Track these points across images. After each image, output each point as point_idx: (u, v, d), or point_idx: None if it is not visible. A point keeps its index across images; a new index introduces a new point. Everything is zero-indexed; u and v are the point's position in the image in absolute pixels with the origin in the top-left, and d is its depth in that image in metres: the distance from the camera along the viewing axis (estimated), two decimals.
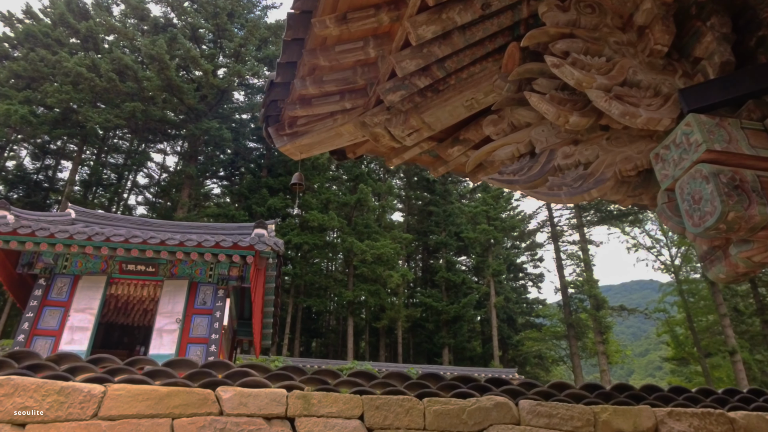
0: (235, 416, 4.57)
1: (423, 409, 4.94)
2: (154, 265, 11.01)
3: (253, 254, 10.37)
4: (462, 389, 5.23)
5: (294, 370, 5.08)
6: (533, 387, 5.48)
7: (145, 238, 10.03)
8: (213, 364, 4.92)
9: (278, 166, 34.47)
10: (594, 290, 29.20)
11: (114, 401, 4.44)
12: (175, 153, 41.53)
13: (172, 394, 4.57)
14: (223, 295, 11.05)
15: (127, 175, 36.58)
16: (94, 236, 9.84)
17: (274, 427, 4.61)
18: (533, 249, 44.22)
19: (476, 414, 4.97)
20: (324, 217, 28.60)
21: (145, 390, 4.55)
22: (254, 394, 4.70)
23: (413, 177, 44.97)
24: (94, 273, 10.91)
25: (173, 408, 4.49)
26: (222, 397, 4.63)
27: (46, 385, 4.38)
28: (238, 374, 4.93)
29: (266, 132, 5.25)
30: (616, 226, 38.98)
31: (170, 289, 10.95)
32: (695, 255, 39.35)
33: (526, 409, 5.11)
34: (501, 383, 5.43)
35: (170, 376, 4.82)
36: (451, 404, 4.99)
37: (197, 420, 4.48)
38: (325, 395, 4.83)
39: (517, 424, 5.06)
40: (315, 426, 4.64)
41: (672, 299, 40.31)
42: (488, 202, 34.54)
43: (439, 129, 4.55)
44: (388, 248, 27.74)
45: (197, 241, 10.20)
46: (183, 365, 4.93)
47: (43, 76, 25.73)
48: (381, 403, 4.87)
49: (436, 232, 40.32)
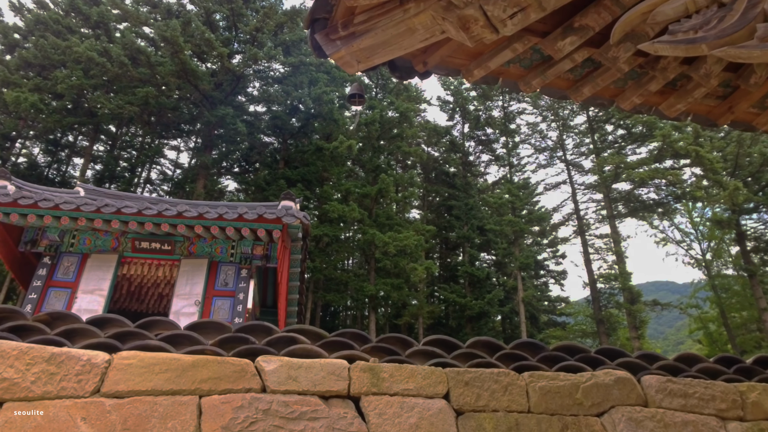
0: (282, 394, 3.43)
1: (525, 386, 3.77)
2: (170, 243, 9.94)
3: (280, 228, 9.26)
4: (568, 362, 4.06)
5: (354, 336, 3.93)
6: (655, 360, 4.30)
7: (160, 210, 8.96)
8: (250, 328, 3.78)
9: (295, 158, 33.42)
10: (628, 283, 27.78)
11: (122, 373, 3.31)
12: (189, 149, 40.72)
13: (198, 364, 3.44)
14: (246, 276, 9.94)
15: (140, 171, 35.77)
16: (104, 208, 8.79)
17: (333, 409, 3.46)
18: (555, 245, 42.76)
19: (593, 392, 3.80)
20: (344, 208, 27.45)
21: (163, 359, 3.43)
22: (307, 366, 3.55)
23: (431, 172, 43.73)
24: (105, 251, 9.86)
25: (200, 382, 3.36)
26: (265, 368, 3.49)
27: (32, 352, 3.26)
28: (283, 341, 3.79)
29: (312, 41, 4.08)
30: (644, 219, 37.47)
31: (188, 269, 9.88)
32: (726, 249, 37.89)
33: (654, 386, 3.92)
34: (615, 354, 4.25)
35: (196, 343, 3.70)
36: (560, 380, 3.81)
37: (232, 398, 3.35)
38: (399, 368, 3.67)
39: (644, 405, 3.87)
40: (388, 407, 3.49)
41: (703, 294, 38.80)
42: (513, 193, 33.20)
43: (552, 7, 3.38)
44: (412, 240, 26.53)
45: (218, 214, 9.12)
46: (212, 329, 3.80)
47: (53, 64, 24.91)
48: (471, 378, 3.71)
49: (457, 227, 39.02)
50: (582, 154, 39.73)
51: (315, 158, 31.59)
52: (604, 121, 37.02)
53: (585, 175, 39.19)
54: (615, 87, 4.28)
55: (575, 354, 4.14)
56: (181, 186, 32.82)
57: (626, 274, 28.67)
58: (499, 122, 41.68)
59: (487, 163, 45.14)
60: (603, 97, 4.40)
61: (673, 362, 4.24)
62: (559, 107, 40.92)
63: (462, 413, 3.57)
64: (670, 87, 4.24)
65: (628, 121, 33.44)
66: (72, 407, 3.09)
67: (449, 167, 43.18)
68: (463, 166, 42.61)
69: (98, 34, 26.86)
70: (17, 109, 23.03)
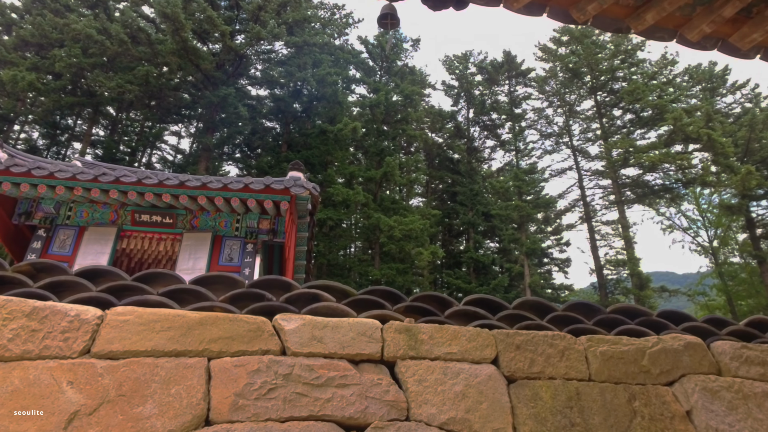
0: (306, 356, 2.92)
1: (584, 351, 3.26)
2: (171, 216, 9.42)
3: (288, 199, 8.73)
4: (628, 325, 3.55)
5: (385, 294, 3.42)
6: (723, 324, 3.79)
7: (161, 180, 8.44)
8: (267, 283, 3.27)
9: (298, 142, 32.84)
10: (637, 268, 27.28)
11: (117, 331, 2.80)
12: (190, 135, 40.16)
13: (207, 321, 2.93)
14: (252, 251, 9.43)
15: (140, 156, 35.21)
16: (101, 177, 8.27)
17: (365, 374, 2.96)
18: (559, 233, 42.25)
19: (661, 359, 3.29)
20: (349, 191, 26.92)
21: (165, 315, 2.92)
22: (333, 326, 3.04)
23: (435, 159, 43.11)
24: (103, 224, 9.34)
25: (209, 342, 2.85)
26: (284, 328, 2.97)
27: (10, 305, 2.75)
28: (304, 298, 3.28)
29: None
30: (651, 205, 36.92)
31: (191, 243, 9.37)
32: (733, 237, 37.41)
33: (728, 353, 3.42)
34: (679, 318, 3.73)
35: (203, 299, 3.20)
36: (622, 344, 3.30)
37: (247, 361, 2.84)
38: (439, 329, 3.16)
39: (718, 373, 3.37)
40: (429, 373, 2.98)
41: (710, 282, 38.46)
42: (520, 177, 32.61)
43: None
44: (417, 224, 26.01)
45: (222, 184, 8.59)
46: (222, 284, 3.28)
47: (51, 43, 24.26)
48: (522, 341, 3.20)
49: (461, 213, 38.51)
50: (588, 139, 39.13)
51: (318, 142, 31.01)
52: (612, 105, 36.36)
53: (591, 161, 38.62)
54: (681, 15, 3.76)
55: (635, 317, 3.64)
56: (182, 170, 32.25)
57: (635, 259, 28.18)
58: (504, 107, 40.99)
59: (492, 148, 44.55)
60: (666, 27, 3.87)
61: (744, 327, 3.74)
62: (565, 92, 40.25)
63: (514, 380, 3.07)
64: (744, 15, 3.72)
65: (637, 105, 32.77)
66: (56, 369, 2.58)
67: (453, 153, 42.59)
68: (468, 152, 42.00)
69: (97, 13, 26.17)
70: (14, 88, 22.42)
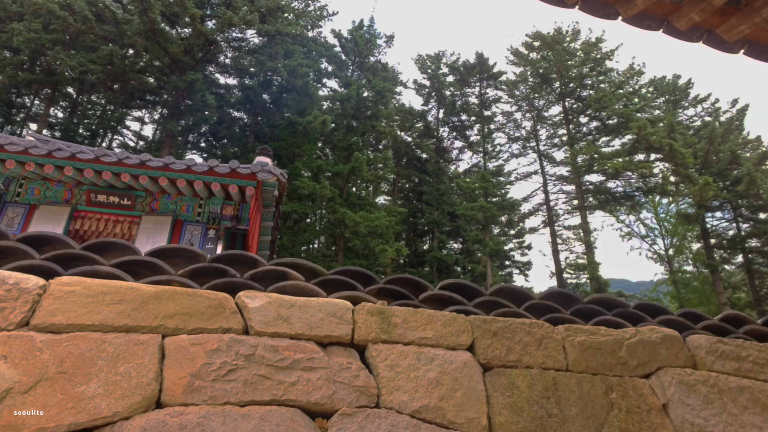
0: (270, 336, 2.70)
1: (561, 341, 3.14)
2: (130, 197, 9.00)
3: (254, 185, 8.42)
4: (605, 316, 3.46)
5: (357, 275, 3.23)
6: (699, 319, 3.75)
7: (120, 158, 8.03)
8: (230, 258, 3.04)
9: (266, 133, 32.24)
10: (596, 273, 27.80)
11: (61, 302, 2.53)
12: (154, 121, 38.99)
13: (163, 296, 2.68)
14: (214, 237, 9.08)
15: (99, 141, 33.98)
16: (56, 152, 7.81)
17: (334, 358, 2.76)
18: (521, 236, 42.80)
19: (639, 351, 3.20)
20: (316, 185, 26.59)
21: (117, 287, 2.66)
22: (301, 305, 2.83)
23: (403, 158, 43.09)
24: (56, 203, 8.85)
25: (165, 318, 2.61)
26: (248, 305, 2.75)
27: None
28: (271, 276, 3.06)
29: None
30: (612, 212, 37.75)
31: (149, 227, 8.96)
32: (688, 246, 38.59)
33: (704, 347, 3.36)
34: (656, 311, 3.67)
35: (160, 273, 2.95)
36: (600, 335, 3.20)
37: (206, 339, 2.61)
38: (414, 312, 2.99)
39: (694, 367, 3.31)
40: (401, 358, 2.81)
41: (664, 289, 39.65)
42: (487, 179, 32.84)
43: None
44: (383, 220, 25.87)
45: (186, 165, 8.24)
46: (181, 257, 3.03)
47: (10, 16, 23.13)
48: (499, 328, 3.06)
49: (427, 212, 38.59)
50: (555, 145, 39.72)
51: (287, 134, 30.54)
52: (579, 112, 37.00)
53: (557, 166, 39.22)
54: (671, 2, 3.71)
55: (612, 308, 3.55)
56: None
57: (595, 264, 28.71)
58: (474, 109, 41.25)
59: (461, 149, 44.77)
60: (655, 15, 3.81)
61: (718, 322, 3.69)
62: (534, 97, 40.77)
63: (490, 368, 2.92)
64: (733, 5, 3.69)
65: (604, 113, 33.42)
66: None
67: (422, 153, 42.67)
68: (436, 152, 42.12)
69: None
70: None
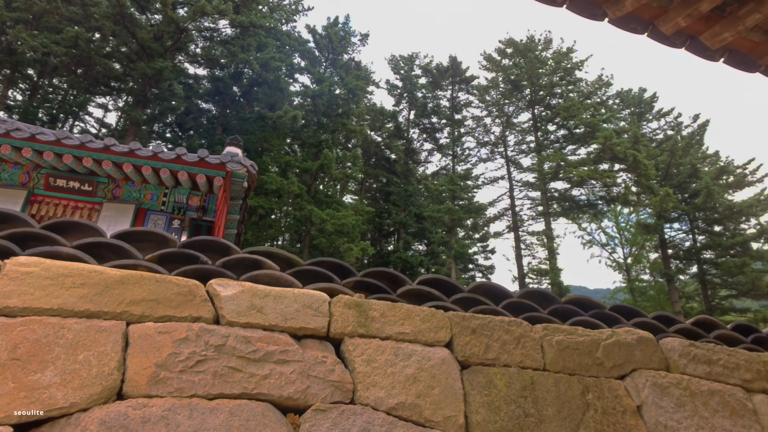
0: (242, 327, 2.57)
1: (539, 340, 3.09)
2: (91, 183, 8.64)
3: (223, 175, 8.20)
4: (582, 317, 3.44)
5: (333, 267, 3.12)
6: (671, 322, 3.77)
7: (83, 141, 7.70)
8: (202, 244, 2.89)
9: (235, 126, 31.68)
10: (558, 278, 28.28)
11: (16, 284, 2.35)
12: (118, 109, 37.89)
13: (129, 281, 2.52)
14: (178, 228, 8.81)
15: (60, 126, 32.80)
16: (14, 132, 7.44)
17: (308, 351, 2.65)
18: (486, 240, 43.28)
19: (615, 352, 3.19)
20: (283, 181, 26.26)
21: (79, 270, 2.49)
22: (276, 295, 2.71)
23: (372, 158, 43.06)
24: (11, 186, 8.43)
25: (130, 304, 2.45)
26: (220, 293, 2.61)
27: None
28: (244, 264, 2.93)
29: None
30: (574, 220, 38.53)
31: (110, 214, 8.63)
32: (645, 255, 39.72)
33: (677, 350, 3.37)
34: (630, 313, 3.68)
35: (127, 257, 2.78)
36: (578, 335, 3.17)
37: (174, 327, 2.46)
38: (392, 306, 2.90)
39: (667, 370, 3.32)
40: (378, 353, 2.71)
41: (621, 296, 40.69)
42: (455, 182, 33.04)
43: None
44: (351, 219, 25.73)
45: (153, 152, 7.96)
46: (149, 241, 2.87)
47: None
48: (478, 326, 2.99)
49: (394, 213, 38.64)
50: (522, 151, 40.27)
51: (256, 128, 30.09)
52: (548, 120, 37.61)
53: (523, 172, 39.77)
54: (658, 6, 3.74)
55: (589, 309, 3.54)
56: None
57: (557, 269, 29.21)
58: (445, 112, 41.51)
59: (430, 151, 44.98)
60: (641, 18, 3.84)
61: (690, 326, 3.72)
62: (505, 103, 41.26)
63: (468, 366, 2.86)
64: (717, 13, 3.75)
65: (571, 122, 34.06)
66: None
67: (391, 153, 42.71)
68: (406, 153, 42.22)
69: None
70: None
